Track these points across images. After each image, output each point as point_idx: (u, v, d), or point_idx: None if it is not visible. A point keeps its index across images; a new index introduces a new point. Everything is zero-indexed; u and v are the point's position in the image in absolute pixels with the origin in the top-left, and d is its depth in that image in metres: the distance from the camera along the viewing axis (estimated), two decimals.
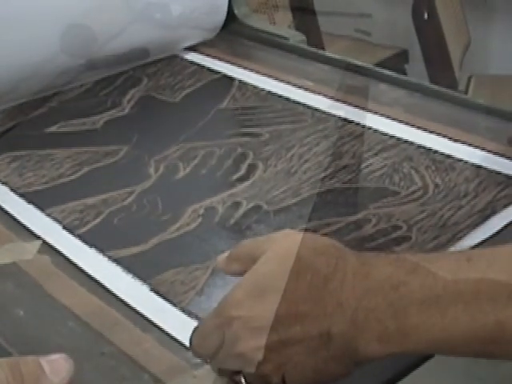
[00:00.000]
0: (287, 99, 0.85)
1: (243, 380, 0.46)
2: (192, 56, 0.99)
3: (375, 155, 0.73)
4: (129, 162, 0.76)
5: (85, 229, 0.66)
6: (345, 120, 0.80)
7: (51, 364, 0.39)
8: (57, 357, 0.40)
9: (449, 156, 0.72)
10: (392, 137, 0.76)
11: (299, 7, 1.84)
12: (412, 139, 0.76)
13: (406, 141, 0.75)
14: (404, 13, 1.77)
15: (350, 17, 1.93)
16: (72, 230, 0.66)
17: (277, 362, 0.44)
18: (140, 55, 0.95)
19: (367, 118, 0.80)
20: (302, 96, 0.86)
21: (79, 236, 0.65)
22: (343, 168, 0.72)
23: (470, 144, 0.74)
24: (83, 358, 0.51)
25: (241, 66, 0.94)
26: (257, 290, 0.45)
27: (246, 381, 0.46)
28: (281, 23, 1.81)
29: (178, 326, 0.54)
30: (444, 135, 0.76)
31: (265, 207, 0.67)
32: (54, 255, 0.63)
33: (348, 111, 0.82)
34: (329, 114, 0.81)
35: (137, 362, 0.52)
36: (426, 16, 1.69)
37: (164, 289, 0.58)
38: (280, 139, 0.78)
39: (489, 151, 0.73)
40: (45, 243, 0.64)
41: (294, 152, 0.75)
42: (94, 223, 0.66)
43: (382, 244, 0.61)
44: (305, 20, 1.85)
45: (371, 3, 2.13)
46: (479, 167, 0.70)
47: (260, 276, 0.45)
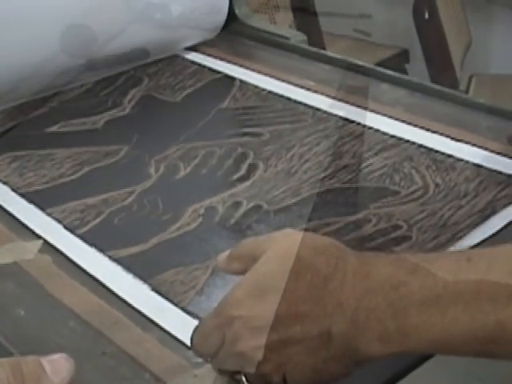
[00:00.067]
0: (288, 99, 0.85)
1: (244, 379, 0.46)
2: (193, 56, 0.99)
3: (375, 155, 0.73)
4: (129, 162, 0.76)
5: (85, 228, 0.66)
6: (345, 120, 0.80)
7: (52, 364, 0.39)
8: (57, 356, 0.40)
9: (449, 156, 0.72)
10: (393, 136, 0.76)
11: (300, 7, 1.84)
12: (413, 139, 0.76)
13: (407, 140, 0.75)
14: (405, 12, 1.78)
15: (351, 17, 1.93)
16: (72, 230, 0.66)
17: (277, 362, 0.44)
18: (140, 55, 0.95)
19: (368, 118, 0.80)
20: (303, 96, 0.86)
21: (79, 236, 0.65)
22: (343, 168, 0.72)
23: (471, 143, 0.74)
24: (84, 358, 0.51)
25: (242, 66, 0.94)
26: (257, 290, 0.45)
27: (247, 380, 0.46)
28: (281, 23, 1.81)
29: (179, 326, 0.54)
30: (445, 135, 0.76)
31: (265, 207, 0.67)
32: (55, 255, 0.63)
33: (349, 111, 0.82)
34: (329, 114, 0.81)
35: (137, 362, 0.52)
36: (427, 16, 1.69)
37: (164, 288, 0.58)
38: (280, 139, 0.78)
39: (490, 151, 0.73)
40: (46, 243, 0.64)
41: (295, 152, 0.75)
42: (95, 223, 0.66)
43: (382, 244, 0.61)
44: (305, 20, 1.85)
45: (372, 3, 2.13)
46: (480, 167, 0.70)
47: (260, 276, 0.45)
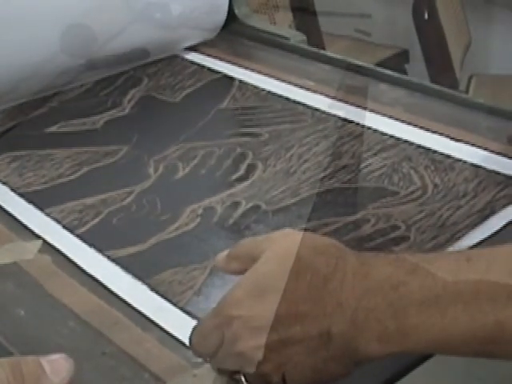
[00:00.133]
0: (287, 99, 0.85)
1: (243, 379, 0.46)
2: (192, 56, 0.99)
3: (375, 155, 0.73)
4: (128, 162, 0.76)
5: (84, 229, 0.66)
6: (345, 120, 0.80)
7: (52, 364, 0.39)
8: (57, 356, 0.40)
9: (448, 156, 0.72)
10: (392, 137, 0.76)
11: (299, 7, 1.84)
12: (412, 139, 0.76)
13: (406, 141, 0.75)
14: (404, 12, 1.78)
15: (351, 17, 1.93)
16: (71, 230, 0.66)
17: (277, 362, 0.44)
18: (140, 55, 0.95)
19: (367, 118, 0.80)
20: (302, 96, 0.86)
21: (78, 236, 0.65)
22: (342, 168, 0.72)
23: (471, 144, 0.74)
24: (84, 358, 0.51)
25: (241, 66, 0.94)
26: (257, 290, 0.45)
27: (246, 380, 0.46)
28: (281, 23, 1.81)
29: (179, 325, 0.54)
30: (444, 135, 0.76)
31: (264, 207, 0.67)
32: (55, 255, 0.63)
33: (348, 111, 0.82)
34: (329, 114, 0.81)
35: (137, 361, 0.52)
36: (427, 16, 1.69)
37: (162, 289, 0.58)
38: (279, 139, 0.78)
39: (489, 151, 0.73)
40: (45, 243, 0.64)
41: (294, 152, 0.75)
42: (93, 223, 0.66)
43: (381, 244, 0.61)
44: (305, 20, 1.85)
45: (372, 3, 2.13)
46: (479, 167, 0.70)
47: (260, 275, 0.45)
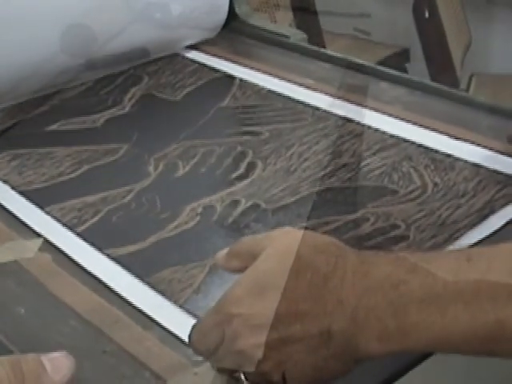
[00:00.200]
0: (288, 98, 0.85)
1: (243, 377, 0.46)
2: (193, 54, 0.99)
3: (374, 154, 0.73)
4: (128, 161, 0.76)
5: (83, 227, 0.66)
6: (345, 118, 0.80)
7: (52, 362, 0.39)
8: (58, 355, 0.40)
9: (448, 155, 0.72)
10: (392, 136, 0.76)
11: (300, 7, 1.84)
12: (412, 138, 0.76)
13: (406, 140, 0.75)
14: (405, 11, 1.77)
15: (351, 17, 1.93)
16: (71, 228, 0.66)
17: (277, 360, 0.44)
18: (140, 55, 0.94)
19: (368, 117, 0.80)
20: (303, 94, 0.86)
21: (78, 234, 0.65)
22: (342, 167, 0.72)
23: (471, 142, 0.74)
24: (84, 356, 0.51)
25: (242, 65, 0.94)
26: (257, 288, 0.45)
27: (246, 378, 0.46)
28: (282, 22, 1.81)
29: (179, 324, 0.54)
30: (445, 133, 0.76)
31: (263, 206, 0.67)
32: (56, 253, 0.63)
33: (349, 109, 0.82)
34: (329, 113, 0.81)
35: (138, 360, 0.52)
36: (427, 15, 1.68)
37: (161, 287, 0.58)
38: (280, 138, 0.78)
39: (489, 149, 0.73)
40: (46, 241, 0.64)
41: (294, 151, 0.75)
42: (93, 221, 0.66)
43: (380, 243, 0.61)
44: (306, 18, 1.85)
45: (372, 2, 2.13)
46: (479, 166, 0.70)
47: (260, 273, 0.45)
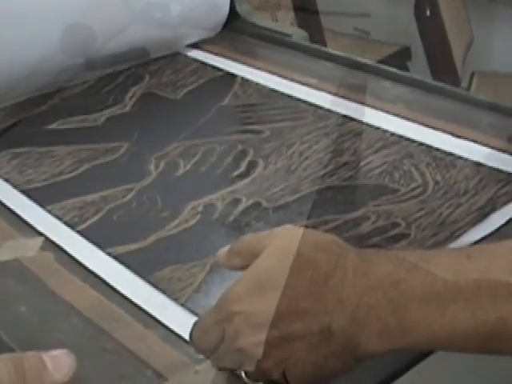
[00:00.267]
0: (289, 96, 0.85)
1: (244, 375, 0.47)
2: (194, 53, 0.99)
3: (376, 152, 0.73)
4: (129, 159, 0.76)
5: (84, 225, 0.66)
6: (347, 117, 0.80)
7: (53, 360, 0.40)
8: (59, 352, 0.40)
9: (450, 153, 0.72)
10: (393, 134, 0.76)
11: (301, 7, 1.84)
12: (414, 136, 0.76)
13: (408, 138, 0.75)
14: (406, 10, 1.77)
15: (352, 16, 1.93)
16: (72, 227, 0.66)
17: (277, 358, 0.44)
18: (140, 55, 0.94)
19: (369, 115, 0.80)
20: (304, 93, 0.86)
21: (79, 232, 0.65)
22: (343, 165, 0.72)
23: (473, 140, 0.74)
24: (85, 354, 0.51)
25: (243, 63, 0.94)
26: (258, 286, 0.45)
27: (247, 376, 0.47)
28: (283, 20, 1.81)
29: (180, 322, 0.54)
30: (446, 132, 0.76)
31: (264, 204, 0.67)
32: (57, 252, 0.63)
33: (350, 108, 0.82)
34: (330, 111, 0.81)
35: (139, 358, 0.52)
36: (429, 13, 1.68)
37: (162, 285, 0.58)
38: (281, 136, 0.78)
39: (491, 147, 0.73)
40: (47, 240, 0.64)
41: (295, 149, 0.75)
42: (93, 220, 0.66)
43: (381, 241, 0.61)
44: (307, 17, 1.85)
45: (374, 0, 2.13)
46: (480, 164, 0.70)
47: (261, 271, 0.45)
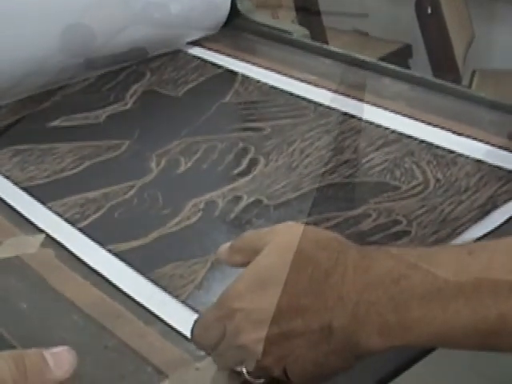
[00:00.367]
0: (290, 93, 0.85)
1: (244, 371, 0.47)
2: (195, 50, 0.99)
3: (377, 150, 0.73)
4: (130, 157, 0.76)
5: (85, 223, 0.66)
6: (347, 114, 0.80)
7: (54, 357, 0.40)
8: (60, 349, 0.40)
9: (451, 151, 0.72)
10: (394, 131, 0.76)
11: (303, 6, 1.84)
12: (415, 134, 0.76)
13: (409, 135, 0.75)
14: (407, 7, 1.77)
15: (352, 16, 1.93)
16: (73, 224, 0.66)
17: (278, 355, 0.44)
18: (139, 54, 0.94)
19: (370, 113, 0.80)
20: (305, 90, 0.86)
21: (80, 230, 0.65)
22: (344, 163, 0.72)
23: (474, 138, 0.74)
24: (86, 351, 0.51)
25: (244, 61, 0.94)
26: (259, 283, 0.45)
27: (248, 372, 0.47)
28: (284, 19, 1.81)
29: (181, 319, 0.55)
30: (447, 129, 0.76)
31: (265, 201, 0.67)
32: (58, 249, 0.63)
33: (351, 105, 0.82)
34: (331, 109, 0.81)
35: (140, 355, 0.52)
36: (430, 11, 1.68)
37: (163, 282, 0.58)
38: (282, 134, 0.78)
39: (492, 145, 0.73)
40: (48, 237, 0.64)
41: (296, 147, 0.75)
42: (95, 217, 0.67)
43: (382, 238, 0.61)
44: (308, 15, 1.85)
45: None
46: (481, 162, 0.70)
47: (262, 268, 0.45)
